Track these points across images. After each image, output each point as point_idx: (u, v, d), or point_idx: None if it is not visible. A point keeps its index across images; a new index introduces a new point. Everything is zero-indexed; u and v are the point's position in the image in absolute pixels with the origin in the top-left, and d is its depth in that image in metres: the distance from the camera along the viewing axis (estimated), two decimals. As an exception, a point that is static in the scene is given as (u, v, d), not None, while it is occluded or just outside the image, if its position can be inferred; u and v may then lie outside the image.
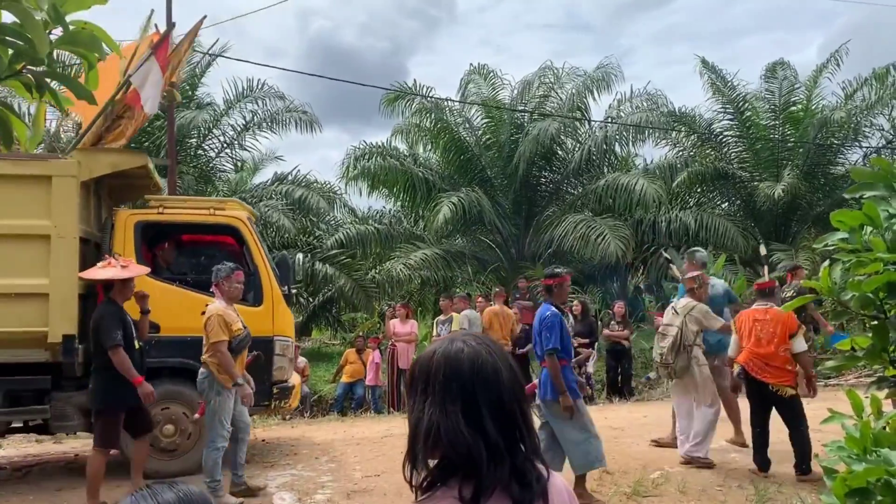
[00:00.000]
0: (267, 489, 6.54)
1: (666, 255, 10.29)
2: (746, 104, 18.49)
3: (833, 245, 2.91)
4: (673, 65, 65.13)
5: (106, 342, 5.83)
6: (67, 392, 6.77)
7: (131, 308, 6.28)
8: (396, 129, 18.82)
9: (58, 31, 2.17)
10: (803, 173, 17.45)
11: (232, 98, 17.26)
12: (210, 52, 16.44)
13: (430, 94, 17.95)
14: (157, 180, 7.95)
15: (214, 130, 17.35)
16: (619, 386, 12.62)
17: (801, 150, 18.18)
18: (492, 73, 18.78)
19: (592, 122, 18.53)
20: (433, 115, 17.95)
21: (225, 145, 17.37)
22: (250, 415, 7.57)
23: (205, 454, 6.12)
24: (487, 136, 18.35)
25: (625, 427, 8.92)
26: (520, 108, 18.29)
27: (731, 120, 18.90)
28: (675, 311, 7.11)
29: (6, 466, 7.90)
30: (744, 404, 7.13)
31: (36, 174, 6.60)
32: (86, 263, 6.68)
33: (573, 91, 18.21)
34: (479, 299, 12.41)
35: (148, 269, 6.63)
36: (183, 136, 16.30)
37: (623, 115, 18.45)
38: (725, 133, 19.06)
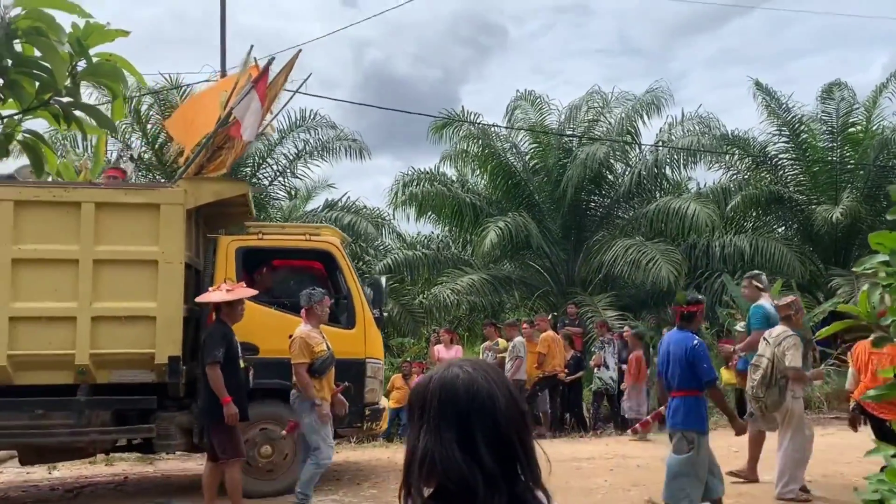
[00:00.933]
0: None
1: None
2: (802, 126, 18.05)
3: (872, 268, 2.81)
4: (726, 87, 64.14)
5: (206, 358, 6.08)
6: (171, 412, 7.02)
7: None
8: (444, 156, 18.94)
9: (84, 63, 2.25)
10: (863, 196, 16.90)
11: (285, 128, 17.62)
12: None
13: (477, 121, 18.04)
14: (252, 208, 8.24)
15: (268, 159, 17.72)
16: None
17: (860, 172, 17.63)
18: (538, 99, 18.78)
19: (642, 146, 18.33)
20: (480, 141, 18.00)
21: (278, 173, 17.72)
22: (343, 436, 7.85)
23: (305, 467, 6.28)
24: (535, 161, 18.32)
25: (673, 457, 8.67)
26: (567, 132, 18.22)
27: (786, 142, 18.45)
28: (767, 340, 6.67)
29: (58, 487, 8.10)
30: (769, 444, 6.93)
31: (145, 202, 6.95)
32: (187, 288, 6.97)
33: (622, 115, 18.05)
34: (525, 326, 12.30)
35: (254, 292, 6.81)
36: (238, 166, 16.67)
37: (674, 139, 18.21)
38: (781, 156, 18.62)
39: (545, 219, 17.84)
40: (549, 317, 13.22)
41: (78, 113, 2.29)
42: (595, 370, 11.95)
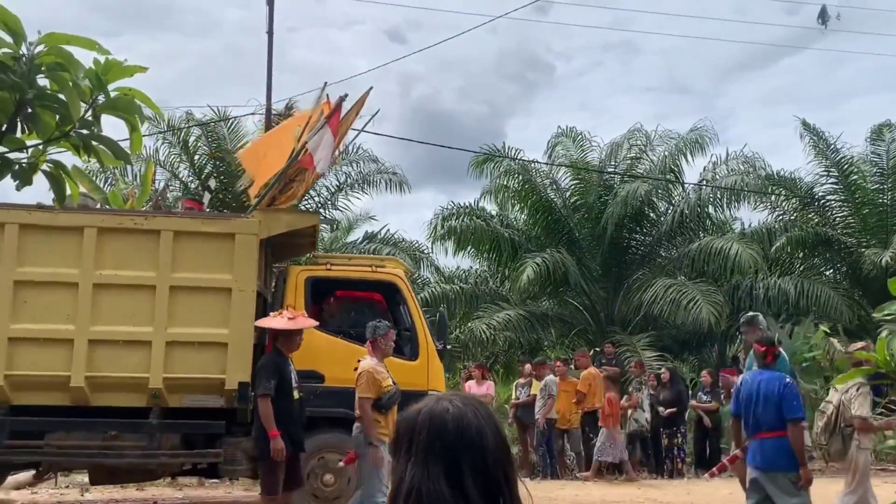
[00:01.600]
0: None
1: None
2: (852, 167, 17.70)
3: (892, 315, 2.73)
4: (776, 127, 63.07)
5: (257, 389, 6.11)
6: (237, 437, 7.09)
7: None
8: (485, 190, 19.01)
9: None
10: (915, 239, 16.42)
11: (328, 160, 17.91)
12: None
13: (518, 156, 18.10)
14: (316, 239, 8.44)
15: (311, 191, 18.01)
16: (708, 459, 11.97)
17: (912, 214, 17.16)
18: (580, 136, 18.79)
19: (685, 185, 18.14)
20: (520, 177, 18.03)
21: (320, 205, 17.98)
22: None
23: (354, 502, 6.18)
24: (575, 198, 18.26)
25: (707, 504, 8.44)
26: (609, 169, 18.15)
27: (834, 183, 18.11)
28: (835, 387, 6.46)
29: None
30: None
31: (221, 232, 7.15)
32: (256, 316, 7.09)
33: (665, 153, 17.93)
34: (558, 364, 12.17)
35: (315, 323, 6.86)
36: (239, 192, 16.98)
37: (718, 178, 18.00)
38: (828, 197, 18.27)
39: (585, 256, 17.72)
40: (591, 352, 13.05)
41: (96, 144, 2.38)
42: (630, 412, 11.73)
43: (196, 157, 17.22)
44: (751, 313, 6.71)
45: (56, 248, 6.87)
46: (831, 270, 18.63)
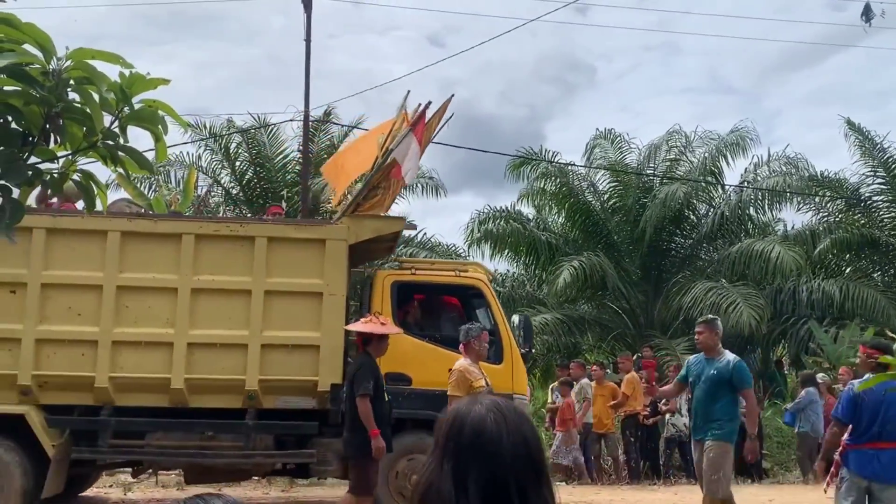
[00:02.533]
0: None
1: None
2: (900, 167, 17.25)
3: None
4: (821, 127, 61.82)
5: (356, 390, 6.22)
6: (328, 438, 7.27)
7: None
8: (522, 194, 18.99)
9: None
10: (967, 241, 15.94)
11: (366, 166, 18.09)
12: (346, 124, 17.46)
13: (555, 159, 18.04)
14: (395, 245, 8.68)
15: (348, 196, 18.19)
16: (748, 465, 11.76)
17: (964, 215, 16.65)
18: (618, 138, 18.66)
19: (726, 187, 17.88)
20: (558, 180, 17.98)
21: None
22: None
23: None
24: (614, 201, 18.12)
25: (746, 511, 8.28)
26: (647, 171, 17.98)
27: (882, 184, 17.66)
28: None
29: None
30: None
31: (312, 238, 7.37)
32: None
33: (705, 155, 17.70)
34: (594, 368, 12.09)
35: (401, 331, 7.02)
36: (320, 202, 17.22)
37: (759, 179, 17.70)
38: (875, 198, 17.81)
39: (623, 259, 17.57)
40: (634, 357, 12.96)
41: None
42: (668, 416, 11.59)
43: (237, 163, 17.54)
44: (710, 316, 6.60)
45: (155, 255, 7.16)
46: (878, 273, 18.15)
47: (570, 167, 18.32)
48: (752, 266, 15.82)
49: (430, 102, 7.94)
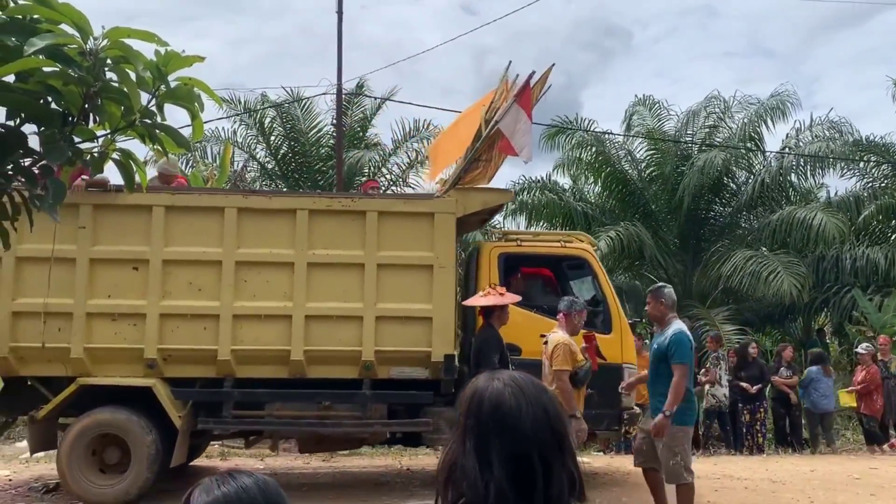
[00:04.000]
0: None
1: None
2: (949, 129, 16.66)
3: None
4: (867, 90, 59.89)
5: (484, 363, 6.29)
6: (440, 407, 7.45)
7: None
8: (557, 163, 18.80)
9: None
10: None
11: (399, 138, 18.06)
12: (378, 96, 17.40)
13: (591, 128, 17.80)
14: (491, 217, 8.71)
15: (383, 169, 18.22)
16: (788, 436, 11.67)
17: None
18: (657, 105, 18.32)
19: (766, 153, 17.48)
20: (594, 149, 17.75)
21: (392, 183, 18.17)
22: (603, 440, 8.64)
23: None
24: (651, 169, 17.84)
25: (786, 481, 8.24)
26: (685, 139, 17.65)
27: (930, 147, 17.11)
28: None
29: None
30: None
31: (421, 211, 7.47)
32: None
33: (745, 121, 17.30)
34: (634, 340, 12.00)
35: (519, 298, 7.02)
36: (353, 175, 17.27)
37: (801, 145, 17.27)
38: (923, 162, 17.26)
39: (661, 228, 17.35)
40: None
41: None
42: (708, 387, 11.50)
43: (272, 137, 17.64)
44: (659, 284, 6.52)
45: (271, 230, 7.31)
46: (926, 239, 17.65)
47: (606, 136, 18.06)
48: (793, 234, 15.51)
49: (533, 72, 7.83)
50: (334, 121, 16.19)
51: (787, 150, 17.27)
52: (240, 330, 7.18)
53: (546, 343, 6.32)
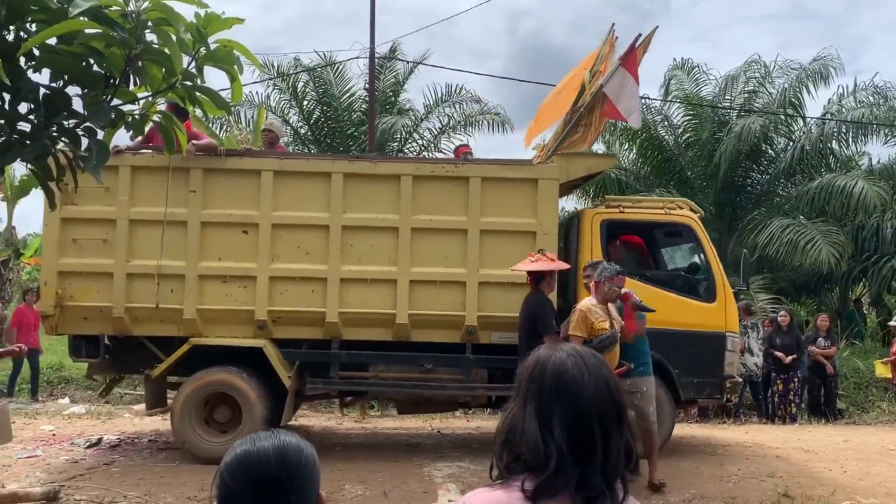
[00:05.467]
0: (433, 479, 6.82)
1: None
2: None
3: None
4: (916, 53, 57.76)
5: (545, 329, 6.36)
6: None
7: None
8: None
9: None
10: None
11: (431, 103, 17.98)
12: (411, 60, 17.27)
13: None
14: (583, 183, 8.74)
15: (414, 134, 18.18)
16: (822, 406, 11.57)
17: None
18: (695, 69, 17.94)
19: (806, 119, 17.07)
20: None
21: (423, 148, 18.14)
22: (704, 406, 8.89)
23: None
24: (688, 135, 17.55)
25: (819, 451, 8.19)
26: (723, 104, 17.30)
27: (979, 113, 16.55)
28: None
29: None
30: None
31: (525, 177, 7.45)
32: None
33: (785, 85, 16.89)
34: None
35: (567, 266, 7.01)
36: (385, 141, 17.26)
37: (844, 111, 16.83)
38: (971, 128, 16.71)
39: (697, 195, 17.05)
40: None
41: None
42: (739, 356, 11.42)
43: (305, 102, 17.66)
44: (596, 261, 6.61)
45: (376, 195, 7.37)
46: (971, 209, 17.19)
47: (643, 100, 17.76)
48: (832, 202, 15.19)
49: (639, 35, 7.68)
50: (366, 85, 16.15)
51: (828, 115, 16.85)
52: (346, 293, 7.29)
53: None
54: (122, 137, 3.55)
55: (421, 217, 7.32)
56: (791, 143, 17.07)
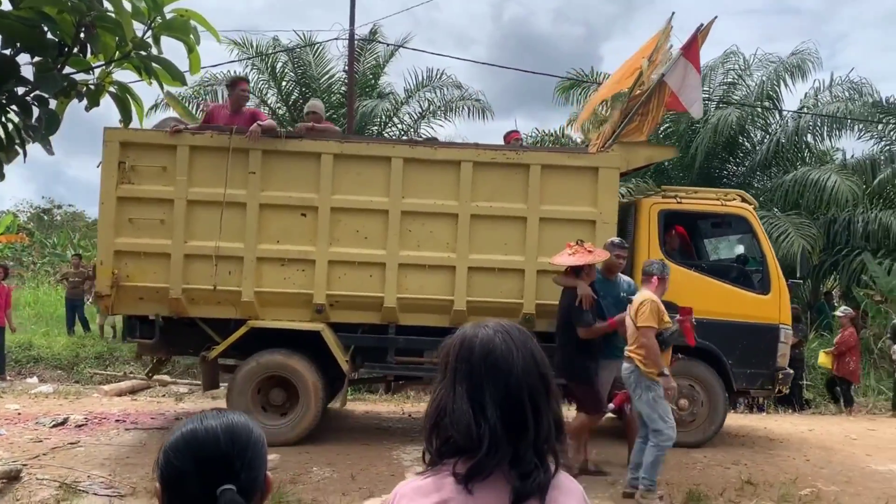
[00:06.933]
0: (401, 462, 6.82)
1: None
2: (972, 93, 16.30)
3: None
4: (893, 51, 58.44)
5: (578, 321, 6.40)
6: None
7: None
8: (571, 118, 18.55)
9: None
10: None
11: (412, 87, 17.88)
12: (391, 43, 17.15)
13: (604, 82, 17.52)
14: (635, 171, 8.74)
15: (394, 118, 18.07)
16: (789, 396, 11.70)
17: None
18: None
19: (783, 112, 17.20)
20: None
21: (403, 133, 18.05)
22: (757, 398, 9.09)
23: (647, 450, 5.92)
24: (665, 126, 17.60)
25: (784, 439, 8.31)
26: (701, 95, 17.35)
27: (952, 111, 16.76)
28: None
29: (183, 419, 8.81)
30: None
31: (586, 165, 7.36)
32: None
33: (763, 79, 16.99)
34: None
35: (607, 255, 6.78)
36: (365, 124, 17.15)
37: (820, 105, 16.98)
38: (943, 126, 16.93)
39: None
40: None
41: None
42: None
43: (283, 83, 17.48)
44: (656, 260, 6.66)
45: (435, 181, 7.29)
46: (941, 205, 17.43)
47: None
48: (806, 195, 15.35)
49: (701, 25, 7.60)
50: (346, 67, 16.01)
51: (804, 109, 16.98)
52: (405, 279, 7.25)
53: (631, 302, 6.20)
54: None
55: (480, 204, 7.26)
56: (767, 136, 17.20)
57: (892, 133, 17.40)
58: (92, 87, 2.54)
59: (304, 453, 6.89)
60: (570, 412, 6.88)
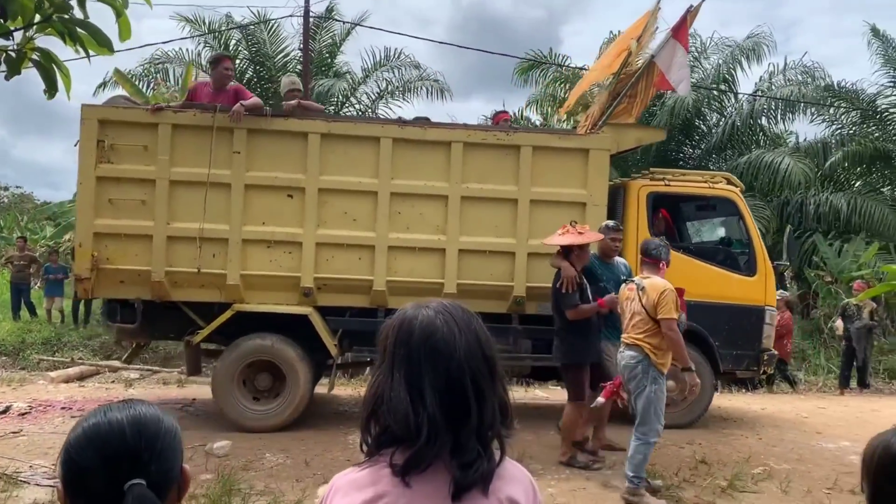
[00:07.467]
0: (357, 447, 6.72)
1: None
2: (920, 78, 16.68)
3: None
4: (844, 36, 59.76)
5: (566, 304, 6.18)
6: None
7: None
8: (531, 100, 18.56)
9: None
10: (983, 157, 15.58)
11: (369, 67, 17.63)
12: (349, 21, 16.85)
13: (565, 63, 17.52)
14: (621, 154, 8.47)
15: (351, 98, 17.81)
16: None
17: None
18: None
19: (738, 95, 17.38)
20: (568, 85, 17.50)
21: (360, 113, 17.81)
22: (744, 378, 8.77)
23: (633, 447, 5.56)
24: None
25: (737, 419, 8.41)
26: (659, 79, 17.45)
27: (900, 95, 17.14)
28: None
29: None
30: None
31: (576, 147, 7.19)
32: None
33: (720, 62, 17.15)
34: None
35: (601, 237, 6.56)
36: (321, 103, 16.83)
37: (774, 88, 17.20)
38: (892, 110, 17.31)
39: (630, 169, 17.27)
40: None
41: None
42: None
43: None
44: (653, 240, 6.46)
45: (425, 162, 7.11)
46: (889, 187, 17.87)
47: (582, 71, 17.78)
48: (760, 177, 15.59)
49: (691, 6, 7.49)
50: (301, 45, 15.69)
51: (759, 92, 17.18)
52: (394, 261, 7.10)
53: (637, 288, 5.64)
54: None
55: (471, 185, 7.12)
56: (723, 119, 17.38)
57: (842, 117, 17.74)
58: (12, 53, 2.35)
59: (256, 439, 6.74)
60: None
